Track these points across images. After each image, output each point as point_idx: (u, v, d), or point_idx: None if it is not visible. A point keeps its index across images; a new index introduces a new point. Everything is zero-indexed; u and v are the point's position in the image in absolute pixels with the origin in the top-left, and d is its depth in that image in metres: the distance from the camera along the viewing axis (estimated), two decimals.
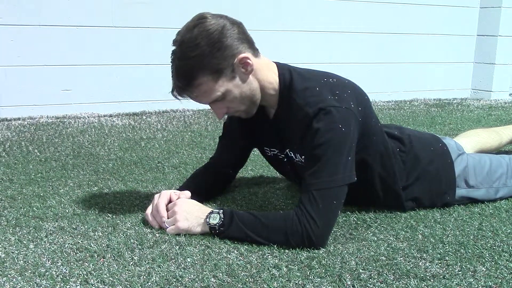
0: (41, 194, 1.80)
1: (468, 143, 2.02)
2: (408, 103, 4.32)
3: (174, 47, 1.42)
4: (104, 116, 3.40)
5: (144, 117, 3.41)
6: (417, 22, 4.47)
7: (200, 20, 1.41)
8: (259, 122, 1.60)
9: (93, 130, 2.95)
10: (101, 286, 1.16)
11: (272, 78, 1.50)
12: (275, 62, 1.55)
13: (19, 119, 3.20)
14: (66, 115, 3.34)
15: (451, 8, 4.57)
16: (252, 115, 1.55)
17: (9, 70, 3.20)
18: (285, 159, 1.63)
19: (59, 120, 3.22)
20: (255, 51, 1.47)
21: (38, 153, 2.39)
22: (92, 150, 2.48)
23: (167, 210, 1.48)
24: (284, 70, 1.52)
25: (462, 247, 1.39)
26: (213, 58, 1.38)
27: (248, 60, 1.42)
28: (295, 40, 4.00)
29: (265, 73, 1.49)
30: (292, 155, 1.59)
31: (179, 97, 1.47)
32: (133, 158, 2.34)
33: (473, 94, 4.83)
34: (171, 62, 1.44)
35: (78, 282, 1.17)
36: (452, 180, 1.69)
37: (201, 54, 1.37)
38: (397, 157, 1.62)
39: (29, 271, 1.22)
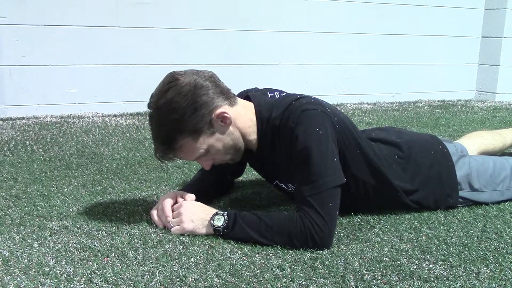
0: (45, 193, 1.80)
1: (472, 145, 2.02)
2: (412, 104, 4.31)
3: (150, 111, 1.44)
4: (108, 116, 3.41)
5: (148, 117, 3.41)
6: (422, 23, 4.46)
7: (172, 83, 1.40)
8: (245, 157, 1.61)
9: (97, 129, 2.96)
10: (105, 285, 1.16)
11: (251, 121, 1.51)
12: (251, 98, 1.55)
13: (23, 118, 3.21)
14: (71, 114, 3.35)
15: (455, 9, 4.56)
16: (238, 160, 1.56)
17: (14, 70, 3.21)
18: (276, 187, 1.68)
19: (63, 119, 3.22)
20: (231, 99, 1.47)
21: (43, 153, 2.40)
22: (96, 150, 2.49)
23: (173, 211, 1.49)
24: (261, 107, 1.52)
25: (466, 249, 1.39)
26: (190, 120, 1.39)
27: (226, 114, 1.43)
28: (297, 41, 3.99)
29: (244, 119, 1.50)
30: (282, 185, 1.62)
31: (164, 160, 1.48)
32: (137, 158, 2.35)
33: (477, 96, 4.82)
34: (149, 125, 1.46)
35: (82, 281, 1.17)
36: (454, 183, 1.69)
37: (178, 118, 1.39)
38: (394, 166, 1.61)
39: (33, 270, 1.22)
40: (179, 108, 1.38)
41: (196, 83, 1.40)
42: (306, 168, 1.38)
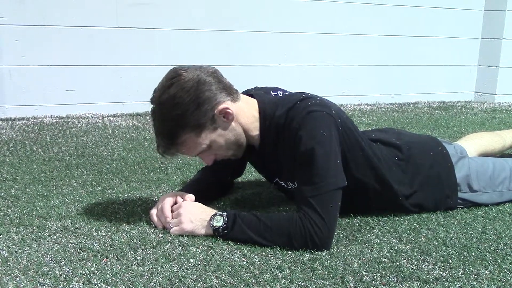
0: (45, 194, 1.80)
1: (471, 146, 2.02)
2: (411, 105, 4.32)
3: (152, 106, 1.44)
4: (108, 116, 3.41)
5: (147, 117, 3.41)
6: (421, 25, 4.46)
7: (174, 78, 1.41)
8: (248, 153, 1.61)
9: (96, 130, 2.96)
10: (104, 285, 1.16)
11: (253, 117, 1.51)
12: (254, 95, 1.55)
13: (23, 118, 3.21)
14: (70, 115, 3.35)
15: (455, 10, 4.56)
16: (240, 156, 1.56)
17: (14, 70, 3.21)
18: (276, 186, 1.68)
19: (63, 120, 3.22)
20: (234, 95, 1.47)
21: (42, 153, 2.40)
22: (95, 150, 2.48)
23: (172, 211, 1.49)
24: (265, 104, 1.52)
25: (465, 250, 1.39)
26: (192, 115, 1.40)
27: (228, 110, 1.43)
28: (297, 42, 3.99)
29: (246, 115, 1.50)
30: (282, 183, 1.61)
31: (166, 155, 1.48)
32: (136, 159, 2.35)
33: (477, 97, 4.82)
34: (152, 121, 1.46)
35: (81, 282, 1.17)
36: (453, 184, 1.69)
37: (181, 114, 1.39)
38: (394, 168, 1.61)
39: (32, 270, 1.22)
40: (182, 104, 1.38)
41: (199, 78, 1.41)
42: (309, 169, 1.38)
